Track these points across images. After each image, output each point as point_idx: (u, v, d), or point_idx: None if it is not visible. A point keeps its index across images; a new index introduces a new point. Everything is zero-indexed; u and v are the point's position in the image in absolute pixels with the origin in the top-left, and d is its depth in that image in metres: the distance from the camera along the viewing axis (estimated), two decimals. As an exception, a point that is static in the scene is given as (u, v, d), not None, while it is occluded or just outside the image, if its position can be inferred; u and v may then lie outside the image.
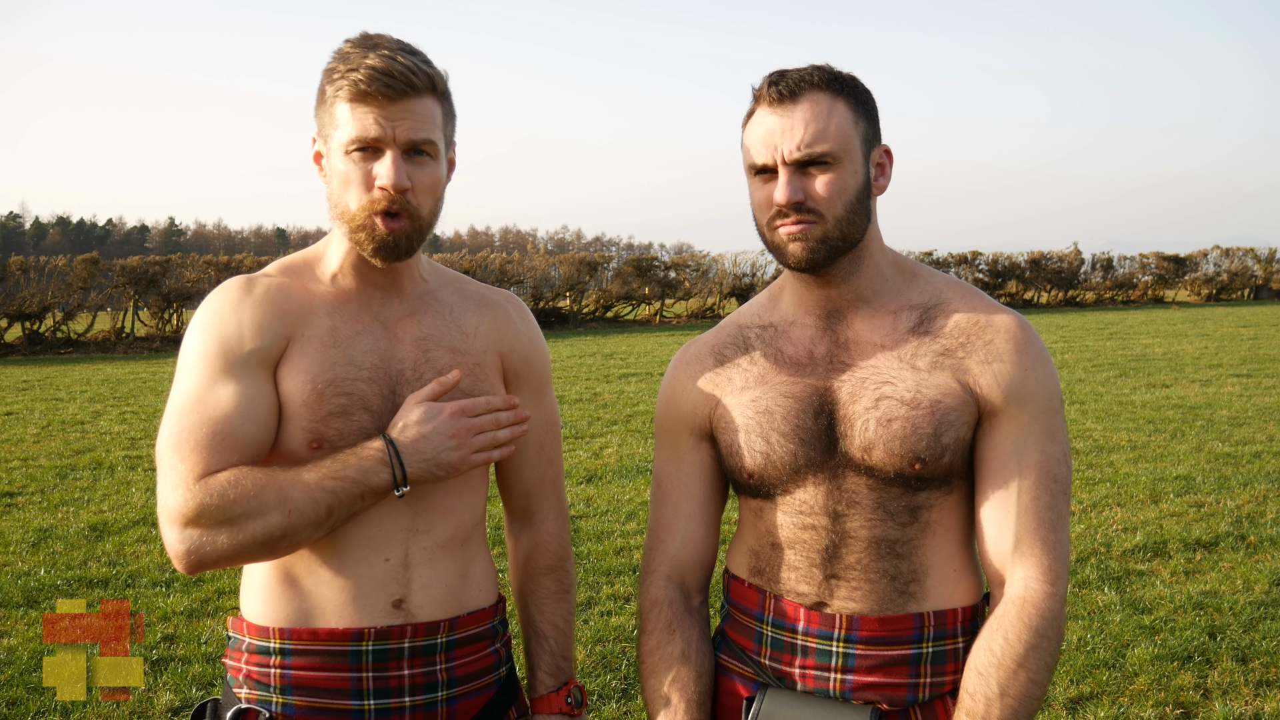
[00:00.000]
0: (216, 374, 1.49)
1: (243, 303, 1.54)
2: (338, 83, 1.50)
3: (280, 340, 1.53)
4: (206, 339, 1.52)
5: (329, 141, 1.53)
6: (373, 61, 1.48)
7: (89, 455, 8.16)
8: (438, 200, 1.57)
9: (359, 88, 1.47)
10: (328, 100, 1.52)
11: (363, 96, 1.48)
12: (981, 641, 1.48)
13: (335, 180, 1.53)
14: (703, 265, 23.00)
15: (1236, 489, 6.47)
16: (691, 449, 1.67)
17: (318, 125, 1.56)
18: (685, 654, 1.62)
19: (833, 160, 1.48)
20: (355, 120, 1.49)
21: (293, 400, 1.52)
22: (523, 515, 1.79)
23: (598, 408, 10.13)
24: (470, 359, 1.64)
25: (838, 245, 1.51)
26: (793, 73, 1.51)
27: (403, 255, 1.55)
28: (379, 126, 1.48)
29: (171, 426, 1.48)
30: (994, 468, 1.50)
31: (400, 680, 1.56)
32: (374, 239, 1.52)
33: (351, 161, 1.50)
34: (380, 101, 1.48)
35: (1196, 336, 16.29)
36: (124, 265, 18.95)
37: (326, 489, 1.46)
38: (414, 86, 1.49)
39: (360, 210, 1.51)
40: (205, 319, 1.54)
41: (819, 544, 1.54)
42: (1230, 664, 3.92)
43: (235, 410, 1.47)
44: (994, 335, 1.53)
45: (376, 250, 1.53)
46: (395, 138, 1.49)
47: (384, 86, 1.47)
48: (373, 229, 1.51)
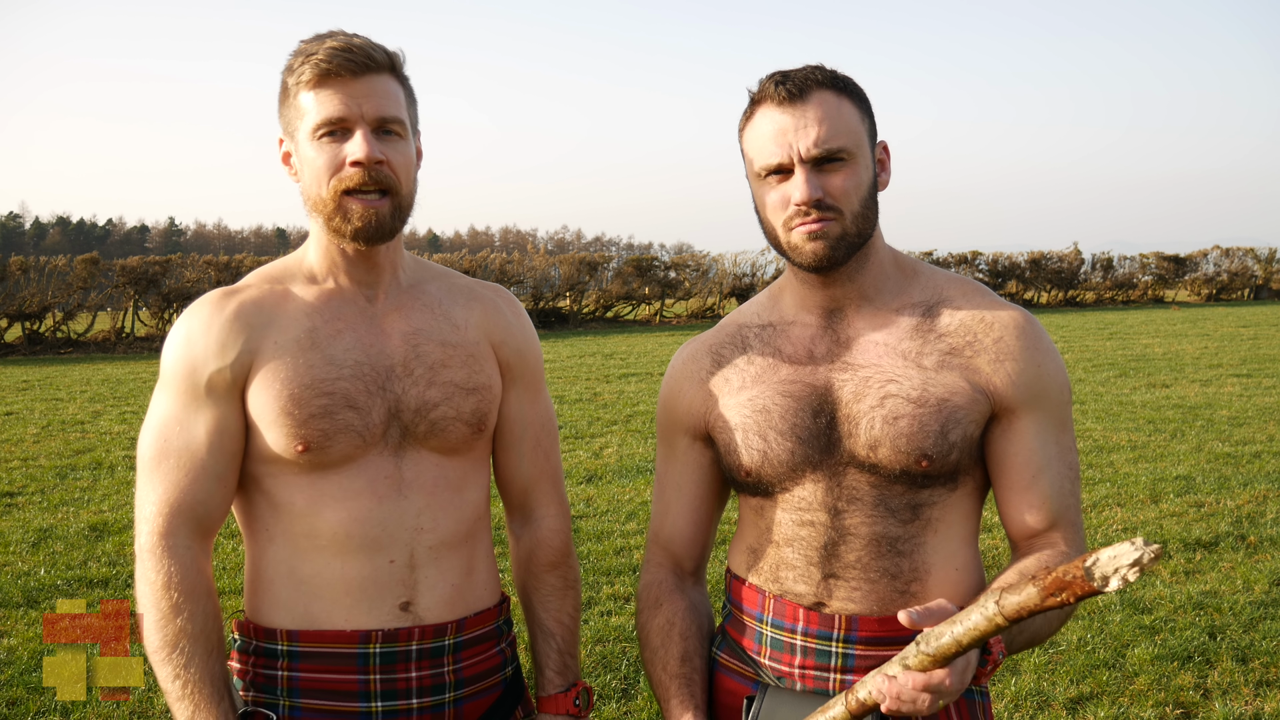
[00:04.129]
0: (187, 400, 1.54)
1: (212, 323, 1.55)
2: (298, 71, 1.50)
3: (246, 356, 1.53)
4: (178, 361, 1.55)
5: (295, 135, 1.53)
6: (330, 44, 1.49)
7: (89, 455, 8.16)
8: (413, 181, 1.56)
9: (320, 68, 1.47)
10: (290, 93, 1.52)
11: (325, 78, 1.48)
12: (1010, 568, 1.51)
13: (306, 170, 1.52)
14: (703, 265, 23.00)
15: (1236, 489, 6.47)
16: (686, 449, 1.68)
17: (283, 124, 1.56)
18: (671, 620, 1.66)
19: (848, 156, 1.49)
20: (320, 103, 1.49)
21: (270, 409, 1.51)
22: (523, 512, 1.78)
23: (598, 408, 10.13)
24: (463, 350, 1.63)
25: (854, 242, 1.51)
26: (796, 72, 1.51)
27: (385, 236, 1.53)
28: (345, 105, 1.48)
29: (149, 442, 1.55)
30: (1017, 464, 1.52)
31: (408, 682, 1.56)
32: (350, 221, 1.50)
33: (320, 146, 1.49)
34: (344, 80, 1.48)
35: (1196, 336, 16.28)
36: (124, 265, 18.94)
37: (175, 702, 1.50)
38: (375, 61, 1.50)
39: (332, 193, 1.50)
40: (177, 339, 1.56)
41: (818, 541, 1.54)
42: (1230, 664, 3.92)
43: (202, 445, 1.53)
44: (1002, 332, 1.53)
45: (356, 233, 1.51)
46: (364, 114, 1.49)
47: (346, 61, 1.48)
48: (347, 211, 1.50)
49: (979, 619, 1.16)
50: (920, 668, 1.23)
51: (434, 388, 1.58)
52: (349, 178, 1.48)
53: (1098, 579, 1.05)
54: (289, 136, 1.55)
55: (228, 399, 1.53)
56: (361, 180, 1.48)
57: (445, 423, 1.58)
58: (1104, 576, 1.05)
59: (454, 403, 1.59)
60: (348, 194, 1.49)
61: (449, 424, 1.59)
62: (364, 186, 1.49)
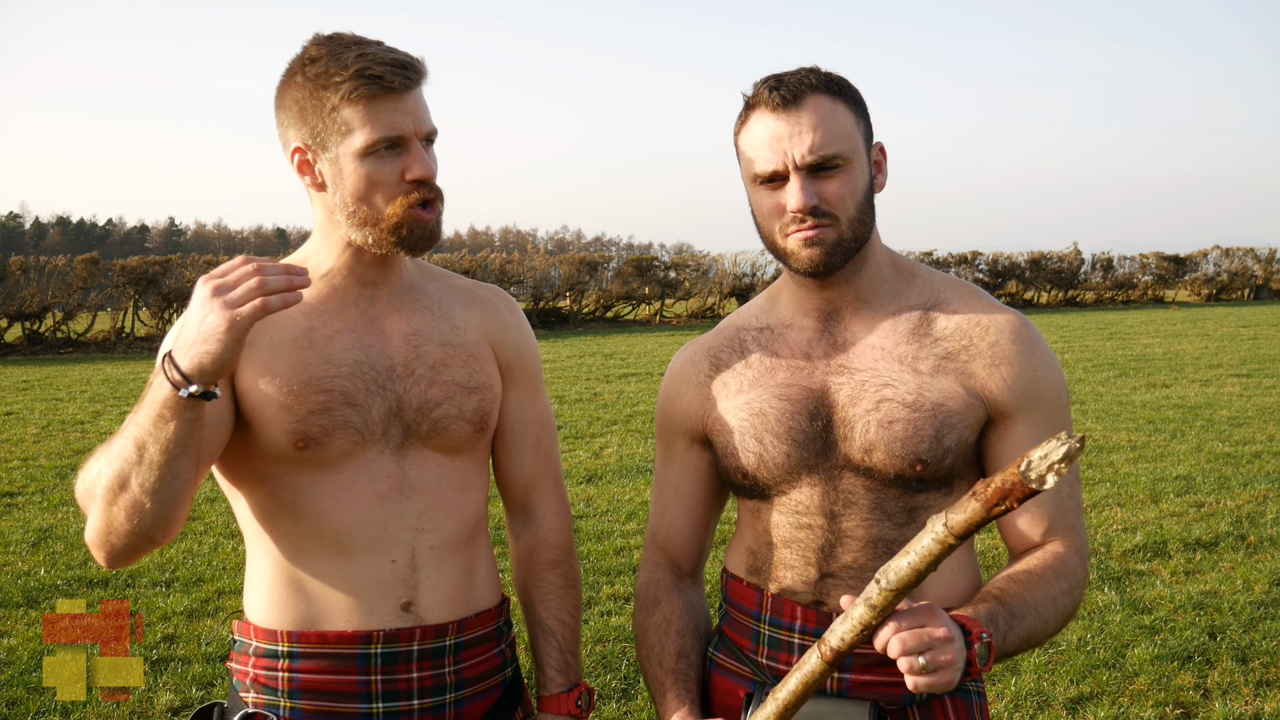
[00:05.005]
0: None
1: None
2: (339, 85, 1.46)
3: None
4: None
5: (333, 148, 1.49)
6: (374, 53, 1.47)
7: (89, 455, 8.16)
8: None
9: (376, 85, 1.46)
10: (324, 104, 1.48)
11: (380, 93, 1.46)
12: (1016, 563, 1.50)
13: (354, 185, 1.50)
14: (703, 265, 23.00)
15: (1236, 489, 6.47)
16: (683, 452, 1.68)
17: (305, 132, 1.51)
18: (668, 618, 1.67)
19: (843, 162, 1.48)
20: (376, 120, 1.47)
21: (268, 404, 1.51)
22: (523, 511, 1.78)
23: (598, 408, 10.13)
24: (463, 351, 1.63)
25: (851, 247, 1.51)
26: (789, 76, 1.50)
27: (435, 243, 1.56)
28: (402, 123, 1.48)
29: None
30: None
31: (409, 683, 1.56)
32: (414, 234, 1.52)
33: (375, 163, 1.49)
34: (398, 95, 1.48)
35: (1196, 336, 16.28)
36: (124, 265, 18.94)
37: (130, 425, 1.42)
38: (421, 74, 1.52)
39: (397, 208, 1.50)
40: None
41: (815, 543, 1.54)
42: (1230, 664, 3.92)
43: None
44: (998, 336, 1.53)
45: (416, 244, 1.53)
46: (416, 131, 1.50)
47: (404, 78, 1.48)
48: (412, 225, 1.51)
49: (930, 542, 1.18)
50: (884, 603, 1.24)
51: (435, 387, 1.59)
52: (416, 195, 1.50)
53: (1034, 479, 1.09)
54: (318, 147, 1.51)
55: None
56: (425, 197, 1.51)
57: (448, 421, 1.59)
58: (1039, 476, 1.09)
59: (456, 401, 1.59)
60: (412, 209, 1.51)
61: (452, 422, 1.59)
62: (425, 202, 1.52)
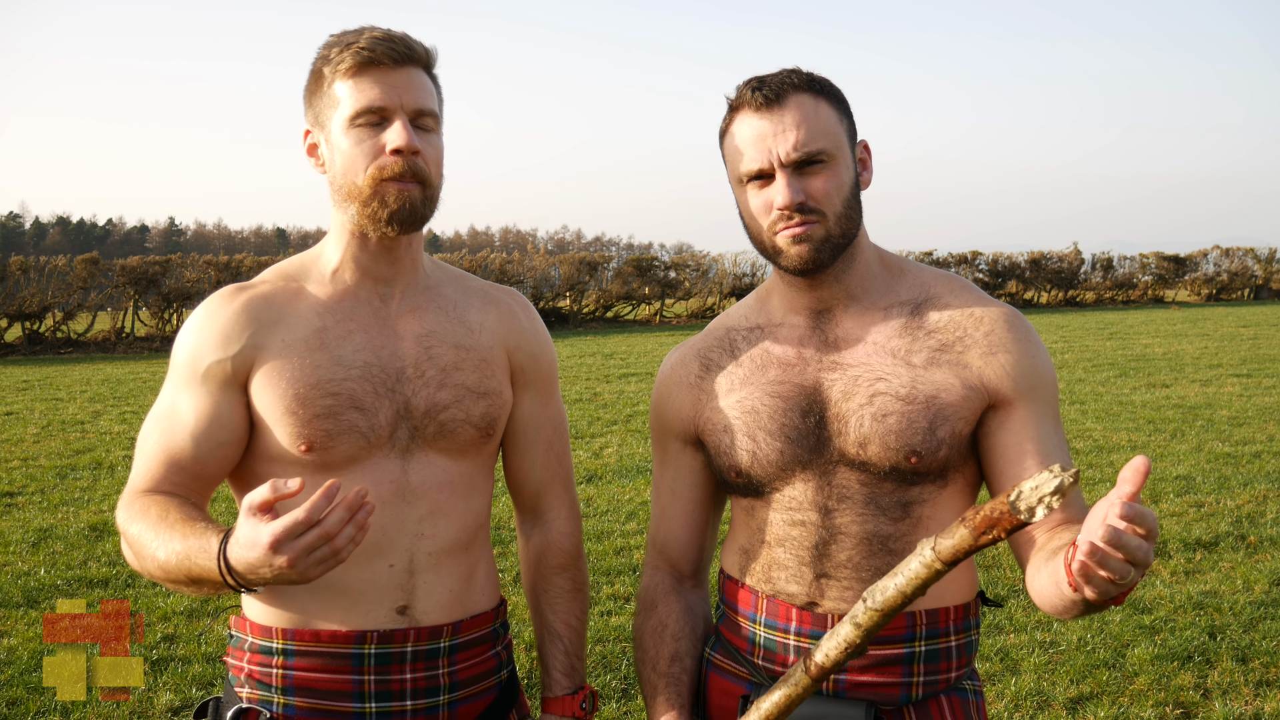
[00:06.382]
0: (182, 389, 1.55)
1: (218, 316, 1.55)
2: (335, 60, 1.50)
3: (250, 351, 1.53)
4: (182, 350, 1.57)
5: (328, 124, 1.53)
6: (371, 34, 1.51)
7: (89, 455, 8.16)
8: (441, 176, 1.58)
9: (361, 55, 1.49)
10: (325, 82, 1.53)
11: (366, 66, 1.49)
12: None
13: (339, 159, 1.52)
14: (703, 265, 23.02)
15: (1236, 489, 6.47)
16: (678, 453, 1.69)
17: (311, 115, 1.57)
18: (663, 622, 1.67)
19: (827, 158, 1.49)
20: (360, 91, 1.49)
21: (275, 407, 1.51)
22: (533, 514, 1.78)
23: (598, 408, 10.14)
24: (476, 354, 1.63)
25: (839, 243, 1.51)
26: (771, 77, 1.52)
27: (418, 222, 1.54)
28: (385, 94, 1.49)
29: (143, 429, 1.57)
30: (1014, 455, 1.50)
31: (402, 684, 1.56)
32: (387, 205, 1.51)
33: (357, 134, 1.50)
34: (385, 69, 1.49)
35: (1196, 336, 16.29)
36: (124, 265, 18.95)
37: (184, 569, 1.39)
38: (415, 53, 1.52)
39: (369, 180, 1.50)
40: (186, 329, 1.58)
41: (809, 540, 1.54)
42: (1230, 664, 3.93)
43: (188, 431, 1.53)
44: (992, 326, 1.54)
45: (392, 217, 1.51)
46: (403, 104, 1.50)
47: (389, 50, 1.49)
48: (384, 196, 1.50)
49: (917, 566, 1.18)
50: (870, 623, 1.24)
51: (444, 389, 1.58)
52: (389, 166, 1.49)
53: (1024, 510, 1.07)
54: (318, 127, 1.55)
55: (224, 390, 1.53)
56: (401, 169, 1.50)
57: (454, 424, 1.58)
58: (1029, 508, 1.07)
59: (464, 405, 1.59)
60: (385, 181, 1.50)
61: (458, 426, 1.59)
62: (399, 174, 1.50)
